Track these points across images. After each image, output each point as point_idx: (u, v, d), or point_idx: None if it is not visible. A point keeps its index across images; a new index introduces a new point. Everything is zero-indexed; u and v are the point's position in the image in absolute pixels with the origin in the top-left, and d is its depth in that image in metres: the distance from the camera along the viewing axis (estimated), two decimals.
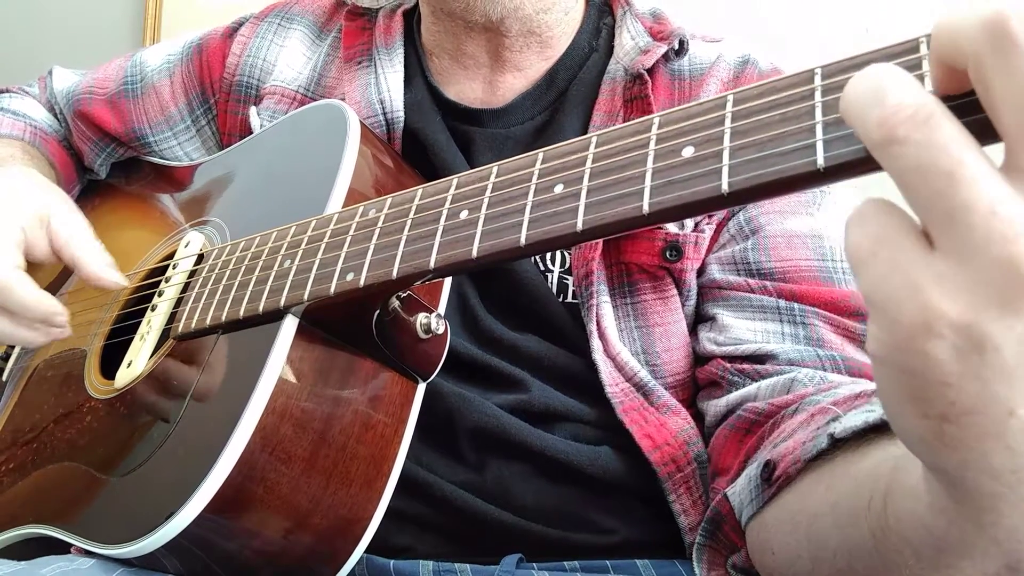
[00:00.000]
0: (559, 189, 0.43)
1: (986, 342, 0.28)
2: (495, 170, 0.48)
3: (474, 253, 0.45)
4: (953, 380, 0.29)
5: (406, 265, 0.49)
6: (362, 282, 0.51)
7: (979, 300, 0.28)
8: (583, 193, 0.42)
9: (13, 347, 0.83)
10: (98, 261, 0.70)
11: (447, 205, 0.49)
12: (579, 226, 0.41)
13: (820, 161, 0.33)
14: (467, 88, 0.78)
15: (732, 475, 0.61)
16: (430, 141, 0.74)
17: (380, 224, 0.52)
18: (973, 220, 0.27)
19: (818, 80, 0.35)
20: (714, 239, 0.73)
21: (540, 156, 0.46)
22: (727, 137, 0.37)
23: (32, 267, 0.70)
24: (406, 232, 0.50)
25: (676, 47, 0.75)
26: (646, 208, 0.39)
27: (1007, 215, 0.27)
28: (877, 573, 0.43)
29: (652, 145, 0.40)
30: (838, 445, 0.51)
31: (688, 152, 0.38)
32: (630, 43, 0.75)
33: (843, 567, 0.46)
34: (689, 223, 0.70)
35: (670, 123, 0.40)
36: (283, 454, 0.53)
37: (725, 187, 0.36)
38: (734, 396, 0.65)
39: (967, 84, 0.29)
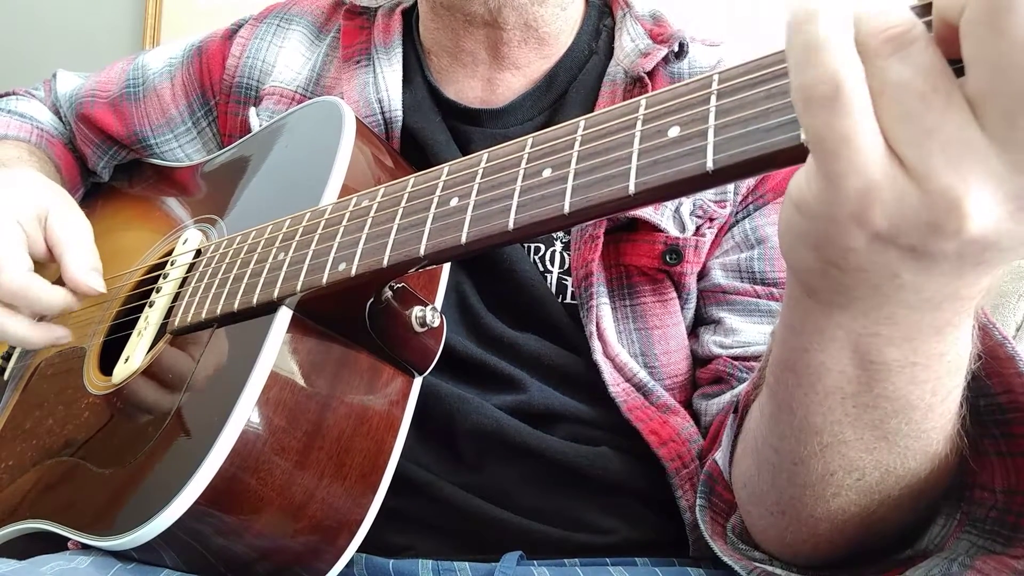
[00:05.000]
0: (547, 173, 0.43)
1: (906, 252, 0.32)
2: (485, 156, 0.48)
3: (463, 239, 0.45)
4: (860, 253, 0.33)
5: (397, 253, 0.49)
6: (354, 271, 0.51)
7: (914, 225, 0.31)
8: (570, 176, 0.42)
9: (15, 346, 0.84)
10: (81, 264, 0.69)
11: (438, 192, 0.49)
12: (566, 209, 0.41)
13: (803, 135, 0.33)
14: (466, 87, 0.78)
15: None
16: (429, 141, 0.74)
17: (372, 213, 0.52)
18: (934, 145, 0.30)
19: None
20: (715, 243, 0.73)
21: (529, 141, 0.46)
22: (712, 115, 0.37)
23: (38, 265, 0.71)
24: (397, 220, 0.50)
25: (676, 50, 0.75)
26: (632, 188, 0.39)
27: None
28: (783, 423, 0.46)
29: (639, 126, 0.40)
30: None
31: (674, 132, 0.38)
32: (630, 45, 0.75)
33: (771, 453, 0.49)
34: (690, 227, 0.70)
35: (656, 104, 0.40)
36: (276, 445, 0.53)
37: (710, 164, 0.36)
38: (739, 388, 0.66)
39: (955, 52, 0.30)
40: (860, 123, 0.30)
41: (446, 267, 0.66)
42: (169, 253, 0.73)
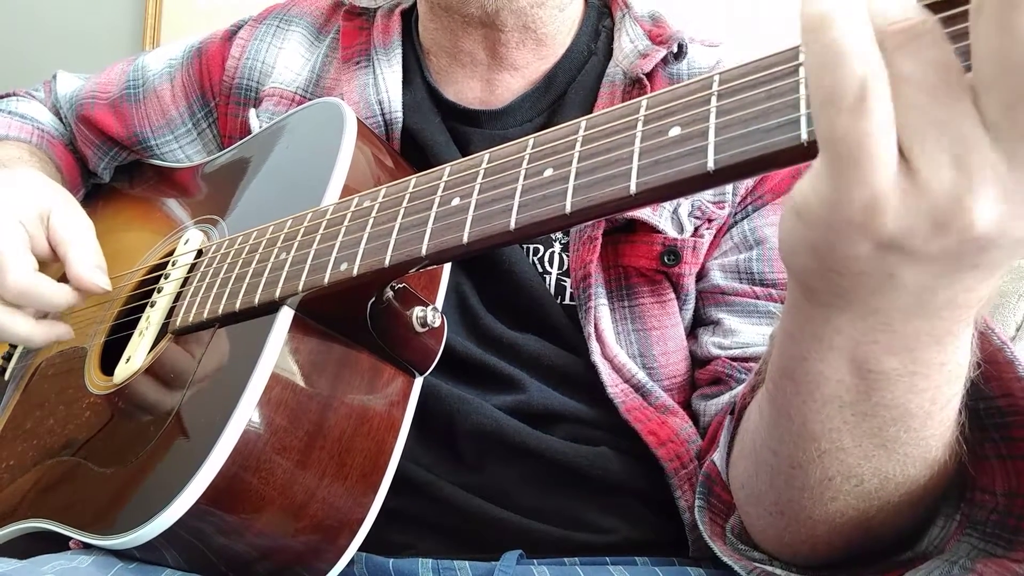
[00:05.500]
0: (548, 173, 0.43)
1: (906, 254, 0.33)
2: (486, 157, 0.48)
3: (465, 239, 0.45)
4: (862, 260, 0.34)
5: (398, 253, 0.49)
6: (355, 271, 0.51)
7: (921, 229, 0.31)
8: (572, 176, 0.42)
9: (15, 347, 0.84)
10: (87, 262, 0.69)
11: (439, 192, 0.49)
12: (568, 208, 0.41)
13: (804, 135, 0.34)
14: (466, 87, 0.78)
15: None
16: (429, 142, 0.74)
17: (374, 214, 0.52)
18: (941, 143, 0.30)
19: (803, 56, 0.35)
20: (714, 244, 0.73)
21: (531, 141, 0.46)
22: (712, 115, 0.37)
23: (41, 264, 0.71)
24: (399, 220, 0.50)
25: (675, 51, 0.75)
26: (633, 188, 0.39)
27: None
28: (782, 428, 0.47)
29: (640, 126, 0.40)
30: None
31: (675, 132, 0.39)
32: (629, 46, 0.75)
33: (769, 455, 0.49)
34: (688, 228, 0.70)
35: (657, 104, 0.40)
36: (278, 445, 0.53)
37: (711, 164, 0.36)
38: (738, 389, 0.66)
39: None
40: (881, 129, 0.30)
41: (447, 267, 0.67)
42: (170, 253, 0.73)
